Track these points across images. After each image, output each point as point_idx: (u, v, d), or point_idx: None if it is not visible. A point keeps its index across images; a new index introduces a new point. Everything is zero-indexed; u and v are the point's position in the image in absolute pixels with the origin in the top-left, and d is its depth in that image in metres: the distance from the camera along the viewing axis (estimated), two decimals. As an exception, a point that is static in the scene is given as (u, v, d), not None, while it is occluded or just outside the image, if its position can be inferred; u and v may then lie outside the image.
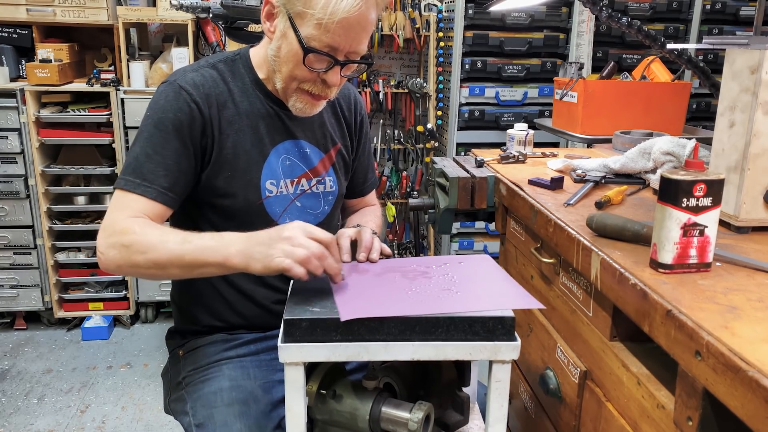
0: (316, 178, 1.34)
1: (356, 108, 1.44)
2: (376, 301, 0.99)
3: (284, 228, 1.03)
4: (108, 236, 1.12)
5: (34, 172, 2.87)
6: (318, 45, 1.13)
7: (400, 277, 1.10)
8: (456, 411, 1.20)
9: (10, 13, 2.87)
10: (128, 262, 1.10)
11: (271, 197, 1.28)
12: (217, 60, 1.28)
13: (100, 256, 1.13)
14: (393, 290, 1.04)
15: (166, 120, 1.17)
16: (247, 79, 1.27)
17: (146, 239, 1.08)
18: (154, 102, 1.20)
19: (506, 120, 3.17)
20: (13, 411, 2.47)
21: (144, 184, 1.15)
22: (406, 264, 1.17)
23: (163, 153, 1.16)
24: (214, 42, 2.85)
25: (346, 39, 1.13)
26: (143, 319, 3.22)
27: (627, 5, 3.18)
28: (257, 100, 1.27)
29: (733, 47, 1.14)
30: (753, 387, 0.65)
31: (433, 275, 1.10)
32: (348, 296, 1.01)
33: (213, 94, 1.22)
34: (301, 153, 1.32)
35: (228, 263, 1.05)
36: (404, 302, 0.98)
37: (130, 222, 1.11)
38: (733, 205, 1.13)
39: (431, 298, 1.00)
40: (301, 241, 1.01)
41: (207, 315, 1.33)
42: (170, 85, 1.21)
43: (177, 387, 1.31)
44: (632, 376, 0.97)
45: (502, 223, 1.61)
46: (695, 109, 3.35)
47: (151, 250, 1.08)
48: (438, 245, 3.46)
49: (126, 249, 1.09)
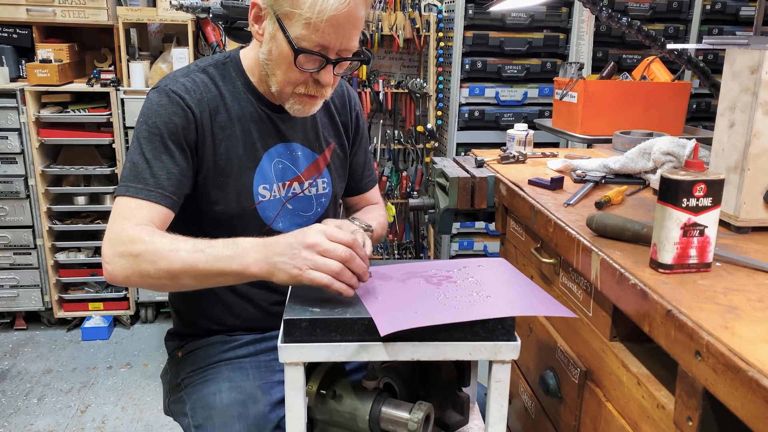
0: (308, 181, 1.33)
1: (350, 104, 1.42)
2: (410, 310, 0.96)
3: (305, 234, 0.98)
4: (115, 246, 1.08)
5: (34, 172, 2.87)
6: (308, 45, 1.11)
7: (425, 282, 1.07)
8: (456, 411, 1.20)
9: (10, 13, 2.87)
10: (138, 272, 1.06)
11: (264, 202, 1.27)
12: (207, 64, 1.26)
13: (107, 267, 1.08)
14: (423, 297, 1.01)
15: (161, 125, 1.16)
16: (238, 82, 1.25)
17: (156, 248, 1.05)
18: (146, 108, 1.18)
19: (506, 120, 3.17)
20: (13, 411, 2.47)
21: (147, 189, 1.13)
22: (425, 268, 1.14)
23: (161, 158, 1.15)
24: (214, 42, 2.85)
25: (336, 37, 1.11)
26: (143, 319, 3.22)
27: (627, 5, 3.18)
28: (249, 104, 1.25)
29: (733, 47, 1.14)
30: (753, 387, 0.65)
31: (458, 279, 1.08)
32: (380, 306, 0.97)
33: (205, 99, 1.21)
34: (293, 156, 1.31)
35: (247, 272, 1.01)
36: (438, 310, 0.95)
37: (137, 230, 1.08)
38: (733, 205, 1.13)
39: (463, 304, 0.97)
40: (326, 247, 0.95)
41: (205, 318, 1.32)
42: (162, 90, 1.19)
43: (176, 388, 1.31)
44: (632, 376, 0.97)
45: (502, 224, 1.61)
46: (695, 109, 3.36)
47: (161, 260, 1.04)
48: (438, 245, 3.46)
49: (135, 259, 1.05)
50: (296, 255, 0.96)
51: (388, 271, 1.13)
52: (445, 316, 0.93)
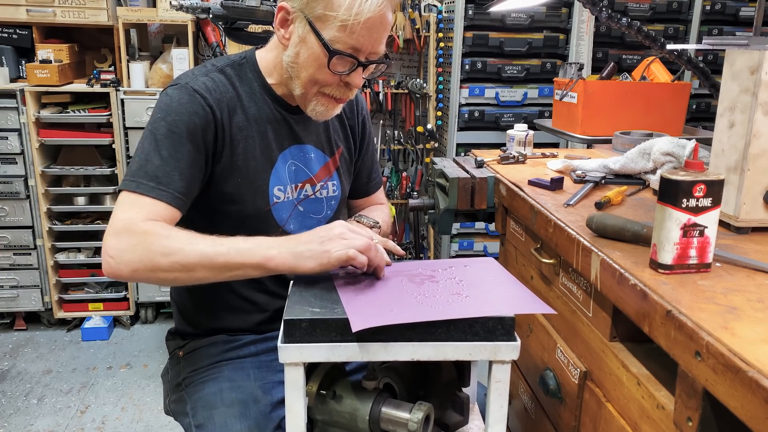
0: (320, 183, 1.34)
1: (358, 108, 1.44)
2: (385, 307, 0.98)
3: (330, 227, 1.06)
4: (124, 238, 1.05)
5: (34, 173, 2.87)
6: (341, 47, 1.12)
7: (407, 281, 1.08)
8: (456, 411, 1.20)
9: (10, 14, 2.87)
10: (149, 265, 1.04)
11: (278, 203, 1.28)
12: (224, 64, 1.26)
13: (109, 261, 1.05)
14: (401, 296, 1.03)
15: (181, 123, 1.14)
16: (255, 83, 1.26)
17: (171, 242, 1.04)
18: (166, 105, 1.17)
19: (506, 120, 3.17)
20: (13, 412, 2.47)
21: (159, 188, 1.11)
22: (412, 268, 1.16)
23: (177, 156, 1.13)
24: (214, 43, 2.85)
25: (369, 39, 1.13)
26: (143, 319, 3.21)
27: (627, 6, 3.18)
28: (265, 105, 1.26)
29: (733, 48, 1.14)
30: (753, 387, 0.65)
31: (440, 279, 1.09)
32: (356, 303, 0.99)
33: (224, 99, 1.21)
34: (306, 158, 1.32)
35: (269, 264, 1.04)
36: (413, 308, 0.97)
37: (151, 224, 1.07)
38: (733, 206, 1.13)
39: (440, 304, 0.99)
40: (353, 234, 1.04)
41: (208, 318, 1.33)
42: (183, 88, 1.18)
43: (177, 388, 1.31)
44: (632, 376, 0.97)
45: (502, 224, 1.61)
46: (695, 109, 3.36)
47: (177, 253, 1.04)
48: (438, 246, 3.46)
49: (147, 251, 1.04)
50: (325, 242, 1.03)
51: None
52: (419, 315, 0.94)
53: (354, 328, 0.90)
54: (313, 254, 1.03)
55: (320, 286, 1.05)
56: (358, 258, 1.02)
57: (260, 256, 1.04)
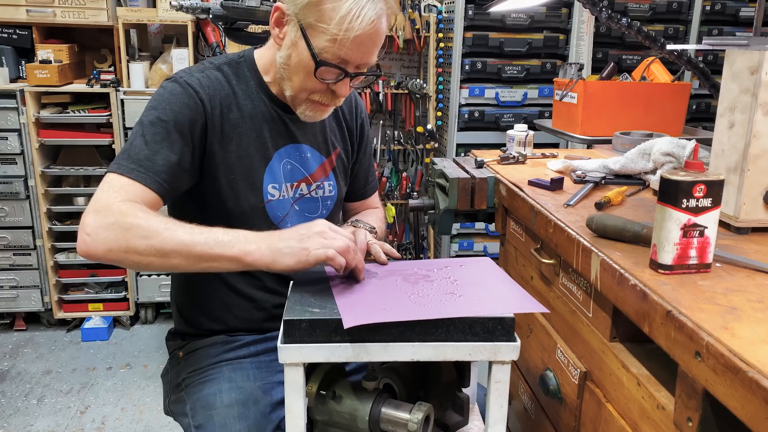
0: (316, 183, 1.34)
1: (357, 111, 1.44)
2: (378, 306, 0.98)
3: (311, 225, 1.05)
4: (102, 217, 1.04)
5: (33, 173, 2.87)
6: (330, 57, 1.13)
7: (402, 281, 1.09)
8: (456, 412, 1.20)
9: (10, 14, 2.87)
10: (124, 246, 1.02)
11: (273, 201, 1.28)
12: (222, 62, 1.27)
13: (85, 239, 1.03)
14: (395, 295, 1.03)
15: (170, 113, 1.16)
16: (251, 82, 1.27)
17: (150, 224, 1.03)
18: (158, 95, 1.19)
19: (506, 121, 3.17)
20: (13, 412, 2.46)
21: (139, 170, 1.11)
22: (407, 267, 1.17)
23: (162, 144, 1.14)
24: (213, 43, 2.85)
25: (359, 53, 1.14)
26: (143, 320, 3.21)
27: (627, 6, 3.18)
28: (261, 104, 1.27)
29: (733, 48, 1.14)
30: (753, 388, 0.65)
31: (435, 279, 1.10)
32: (350, 301, 1.00)
33: (218, 96, 1.22)
34: (302, 157, 1.32)
35: (246, 259, 1.03)
36: (406, 307, 0.97)
37: (130, 205, 1.06)
38: (733, 206, 1.13)
39: (433, 303, 0.99)
40: (334, 234, 1.03)
41: (207, 318, 1.32)
42: (176, 81, 1.20)
43: (177, 388, 1.31)
44: (632, 376, 0.97)
45: (502, 224, 1.61)
46: (695, 109, 3.36)
47: (155, 236, 1.02)
48: (438, 246, 3.46)
49: (125, 232, 1.02)
50: (304, 240, 1.02)
51: (372, 268, 1.15)
52: (411, 313, 0.94)
53: (346, 324, 0.90)
54: (292, 251, 1.02)
55: (320, 287, 1.05)
56: (336, 259, 1.00)
57: (238, 249, 1.03)
